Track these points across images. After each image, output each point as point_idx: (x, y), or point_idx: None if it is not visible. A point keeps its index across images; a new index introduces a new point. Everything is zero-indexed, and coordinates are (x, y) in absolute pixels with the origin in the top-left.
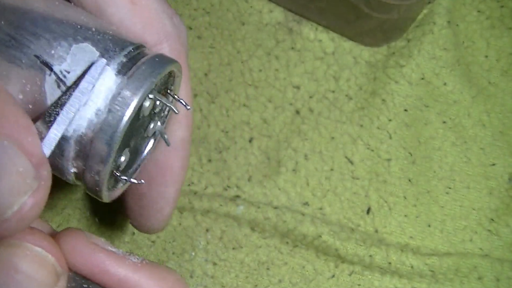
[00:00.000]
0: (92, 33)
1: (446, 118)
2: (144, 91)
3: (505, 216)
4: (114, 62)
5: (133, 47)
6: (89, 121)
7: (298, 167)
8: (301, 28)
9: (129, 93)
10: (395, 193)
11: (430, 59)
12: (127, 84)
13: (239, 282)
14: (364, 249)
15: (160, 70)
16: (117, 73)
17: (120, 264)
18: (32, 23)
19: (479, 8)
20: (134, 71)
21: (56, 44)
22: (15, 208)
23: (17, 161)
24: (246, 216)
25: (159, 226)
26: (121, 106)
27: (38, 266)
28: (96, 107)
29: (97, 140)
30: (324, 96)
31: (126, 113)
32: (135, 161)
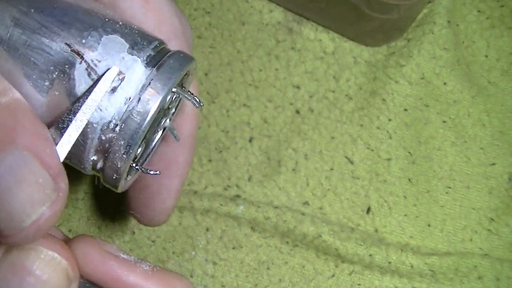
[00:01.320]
0: (119, 26)
1: (446, 117)
2: (173, 83)
3: (505, 216)
4: (144, 55)
5: (158, 42)
6: (118, 109)
7: (298, 167)
8: (301, 28)
9: (159, 84)
10: (395, 192)
11: (430, 59)
12: (156, 75)
13: (239, 282)
14: (364, 248)
15: (186, 65)
16: (146, 65)
17: (131, 272)
18: (62, 12)
19: (479, 8)
20: (162, 64)
21: (86, 34)
22: (33, 218)
23: (37, 172)
24: (246, 215)
25: (160, 218)
26: (151, 96)
27: (51, 270)
28: (126, 95)
29: (126, 128)
30: (324, 96)
31: (156, 103)
32: (145, 153)
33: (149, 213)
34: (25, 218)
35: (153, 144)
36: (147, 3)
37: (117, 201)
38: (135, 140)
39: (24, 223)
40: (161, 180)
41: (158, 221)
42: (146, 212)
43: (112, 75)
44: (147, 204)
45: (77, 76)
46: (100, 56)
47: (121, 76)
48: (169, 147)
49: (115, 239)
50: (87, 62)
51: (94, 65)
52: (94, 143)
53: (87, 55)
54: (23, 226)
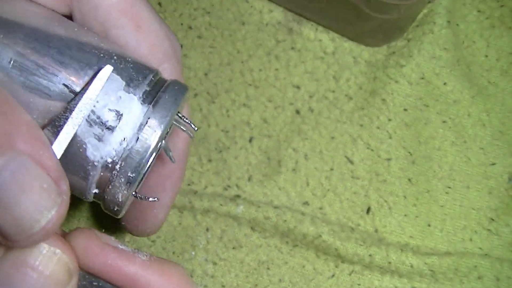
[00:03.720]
0: (114, 61)
1: (446, 117)
2: (170, 119)
3: (504, 216)
4: (140, 91)
5: (153, 75)
6: (117, 148)
7: (298, 166)
8: (301, 28)
9: (156, 122)
10: (395, 192)
11: (430, 59)
12: (153, 113)
13: (239, 282)
14: (364, 248)
15: (181, 98)
16: (142, 102)
17: (130, 262)
18: (58, 52)
19: (479, 8)
20: (157, 100)
21: (83, 74)
22: (42, 223)
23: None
24: (246, 215)
25: (152, 230)
26: (149, 135)
27: (53, 265)
28: (123, 135)
29: (125, 167)
30: (324, 96)
31: (153, 141)
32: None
33: (142, 225)
34: (34, 224)
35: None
36: (139, 28)
37: None
38: (134, 178)
39: (34, 229)
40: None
41: (149, 232)
42: (138, 225)
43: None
44: (139, 217)
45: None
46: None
47: (119, 115)
48: (164, 165)
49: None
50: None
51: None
52: (95, 179)
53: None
54: (33, 232)
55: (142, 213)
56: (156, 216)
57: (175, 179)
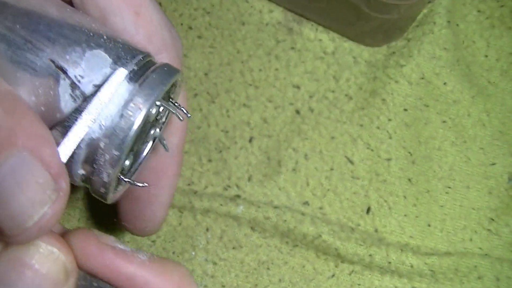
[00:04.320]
0: (104, 40)
1: (446, 117)
2: (155, 98)
3: (504, 216)
4: (127, 69)
5: (142, 56)
6: (100, 125)
7: (298, 166)
8: (301, 28)
9: (141, 99)
10: (395, 192)
11: (430, 59)
12: (138, 91)
13: (239, 282)
14: (364, 248)
15: (169, 79)
16: (129, 81)
17: (129, 262)
18: (47, 28)
19: (479, 8)
20: (145, 79)
21: (70, 50)
22: (35, 219)
23: (37, 173)
24: (246, 215)
25: (152, 229)
26: (133, 112)
27: (50, 264)
28: (108, 112)
29: (109, 144)
30: (324, 96)
31: (138, 119)
32: (134, 164)
33: (141, 224)
34: (27, 219)
35: (143, 155)
36: (138, 15)
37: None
38: (119, 155)
39: (27, 224)
40: (152, 191)
41: (149, 231)
42: (137, 223)
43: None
44: (138, 215)
45: (61, 92)
46: (83, 72)
47: None
48: (159, 159)
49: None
50: (70, 78)
51: (78, 81)
52: (80, 158)
53: (71, 71)
54: (26, 226)
55: (140, 212)
56: (154, 214)
57: (171, 176)
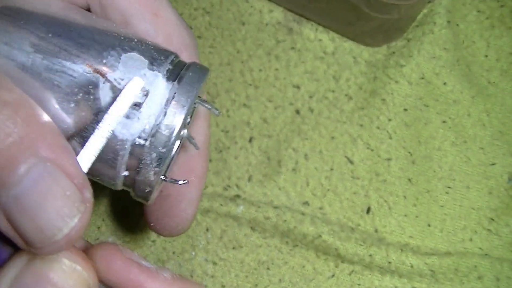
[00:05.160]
0: (135, 43)
1: (446, 117)
2: (195, 94)
3: (504, 216)
4: (163, 70)
5: (174, 56)
6: (145, 125)
7: (298, 166)
8: (301, 28)
9: (182, 97)
10: (395, 192)
11: (430, 59)
12: (178, 89)
13: (239, 282)
14: (364, 248)
15: (204, 77)
16: (167, 79)
17: (153, 279)
18: (79, 35)
19: (479, 8)
20: (181, 78)
21: (106, 54)
22: (65, 231)
23: (63, 184)
24: (246, 215)
25: (182, 228)
26: (176, 109)
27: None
28: (151, 111)
29: (155, 142)
30: (324, 96)
31: (181, 115)
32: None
33: (171, 223)
34: (57, 232)
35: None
36: (157, 17)
37: (117, 201)
38: (166, 152)
39: (56, 237)
40: (181, 189)
41: (179, 230)
42: (167, 223)
43: (134, 86)
44: (168, 214)
45: (102, 96)
46: (122, 74)
47: (145, 92)
48: (187, 157)
49: (116, 239)
50: (110, 81)
51: (118, 84)
52: (125, 159)
53: (110, 75)
54: (55, 239)
55: (170, 210)
56: (184, 211)
57: (199, 173)
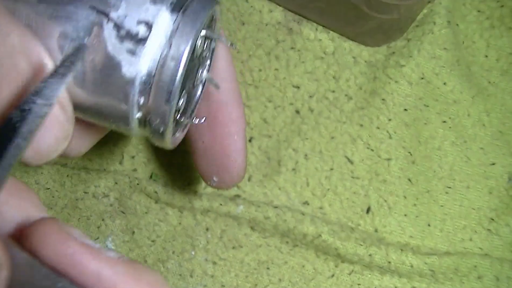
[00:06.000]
0: None
1: (446, 117)
2: (201, 23)
3: (504, 216)
4: (167, 2)
5: None
6: (151, 60)
7: (298, 166)
8: (301, 28)
9: (187, 27)
10: (395, 192)
11: (430, 59)
12: (183, 19)
13: (239, 282)
14: (364, 248)
15: (210, 5)
16: (171, 12)
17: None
18: None
19: (479, 8)
20: (186, 8)
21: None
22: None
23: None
24: (246, 215)
25: (238, 177)
26: (181, 39)
27: None
28: (157, 44)
29: (163, 75)
30: (324, 96)
31: (187, 46)
32: (189, 106)
33: (226, 176)
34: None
35: (196, 97)
36: None
37: (117, 201)
38: (174, 85)
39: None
40: (225, 141)
41: (236, 180)
42: (222, 176)
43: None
44: (220, 169)
45: (107, 36)
46: (125, 11)
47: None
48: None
49: (115, 238)
50: (113, 20)
51: (121, 22)
52: (136, 98)
53: (113, 14)
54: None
55: (221, 165)
56: (235, 161)
57: (236, 119)
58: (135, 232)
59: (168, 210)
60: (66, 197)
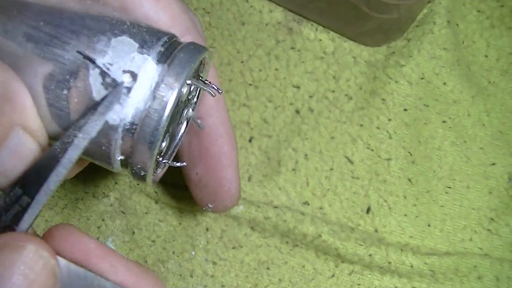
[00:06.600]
0: (127, 26)
1: (445, 117)
2: (185, 76)
3: (504, 216)
4: (153, 52)
5: (168, 37)
6: (135, 109)
7: (298, 166)
8: (301, 28)
9: (171, 79)
10: (395, 192)
11: (430, 59)
12: (168, 71)
13: (239, 282)
14: (364, 248)
15: (197, 56)
16: (157, 62)
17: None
18: (70, 22)
19: (479, 8)
20: (173, 59)
21: (96, 39)
22: None
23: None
24: (246, 215)
25: (231, 203)
26: (165, 92)
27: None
28: (141, 95)
29: (145, 126)
30: (324, 96)
31: (171, 98)
32: (171, 146)
33: (220, 204)
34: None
35: (178, 136)
36: (158, 1)
37: (117, 201)
38: (156, 137)
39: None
40: (217, 174)
41: (230, 206)
42: (216, 204)
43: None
44: (214, 198)
45: (92, 82)
46: (111, 59)
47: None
48: (211, 142)
49: (115, 239)
50: (99, 67)
51: (107, 69)
52: (118, 144)
53: (99, 60)
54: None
55: (215, 194)
56: (228, 191)
57: (228, 153)
58: (135, 232)
59: (168, 210)
60: (66, 197)
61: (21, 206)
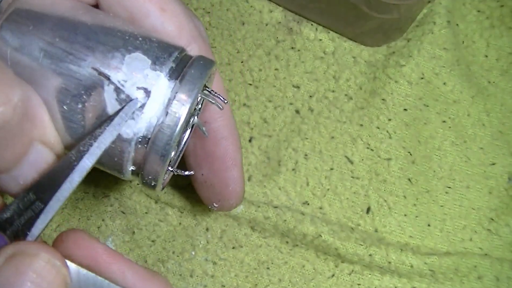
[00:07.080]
0: (140, 42)
1: (445, 117)
2: (197, 92)
3: (504, 216)
4: (165, 68)
5: (178, 52)
6: (148, 124)
7: (298, 166)
8: (301, 28)
9: (183, 96)
10: (395, 192)
11: (430, 58)
12: (180, 87)
13: (239, 282)
14: (364, 248)
15: (207, 72)
16: (169, 78)
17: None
18: (85, 38)
19: (479, 8)
20: (184, 75)
21: (110, 56)
22: None
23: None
24: (246, 215)
25: (237, 202)
26: (177, 109)
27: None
28: (154, 111)
29: (158, 141)
30: (324, 96)
31: (183, 114)
32: (176, 153)
33: (225, 203)
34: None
35: (183, 142)
36: (165, 11)
37: (117, 201)
38: (168, 150)
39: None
40: (223, 175)
41: (235, 206)
42: (222, 203)
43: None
44: (220, 198)
45: (107, 98)
46: (126, 76)
47: (148, 93)
48: (216, 145)
49: (115, 239)
50: (114, 83)
51: (121, 85)
52: (130, 156)
53: (114, 77)
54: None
55: (221, 194)
56: (234, 191)
57: (232, 154)
58: (135, 232)
59: (168, 210)
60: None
61: (34, 211)
